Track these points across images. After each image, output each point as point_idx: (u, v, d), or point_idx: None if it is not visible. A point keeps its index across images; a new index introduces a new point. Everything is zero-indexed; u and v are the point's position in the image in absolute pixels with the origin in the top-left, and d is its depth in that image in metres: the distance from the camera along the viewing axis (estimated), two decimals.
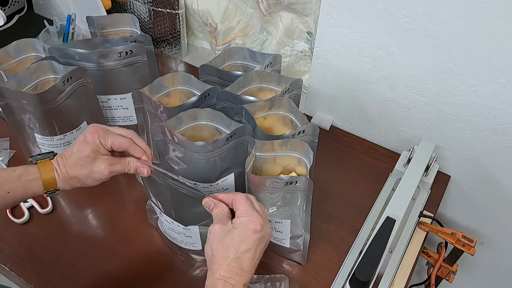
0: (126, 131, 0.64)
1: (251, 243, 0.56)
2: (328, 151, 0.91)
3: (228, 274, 0.54)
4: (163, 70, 1.10)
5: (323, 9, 0.79)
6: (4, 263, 0.72)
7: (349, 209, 0.82)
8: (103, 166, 0.61)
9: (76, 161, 0.61)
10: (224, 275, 0.54)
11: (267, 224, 0.58)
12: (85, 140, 0.61)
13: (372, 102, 0.87)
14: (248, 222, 0.56)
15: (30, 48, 0.82)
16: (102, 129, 0.62)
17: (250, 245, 0.56)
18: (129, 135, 0.64)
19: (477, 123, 0.77)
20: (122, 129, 0.65)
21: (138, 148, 0.64)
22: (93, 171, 0.61)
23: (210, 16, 1.06)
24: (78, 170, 0.61)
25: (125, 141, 0.63)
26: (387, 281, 0.70)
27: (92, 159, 0.61)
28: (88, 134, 0.61)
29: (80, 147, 0.61)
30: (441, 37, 0.70)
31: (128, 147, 0.63)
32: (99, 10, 1.05)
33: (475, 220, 0.95)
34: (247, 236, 0.56)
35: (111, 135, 0.62)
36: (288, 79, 0.75)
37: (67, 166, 0.61)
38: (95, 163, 0.61)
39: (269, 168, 0.70)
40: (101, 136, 0.61)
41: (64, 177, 0.61)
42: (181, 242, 0.71)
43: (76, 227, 0.78)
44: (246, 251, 0.55)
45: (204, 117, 0.71)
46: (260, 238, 0.57)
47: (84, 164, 0.61)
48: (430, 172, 0.83)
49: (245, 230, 0.56)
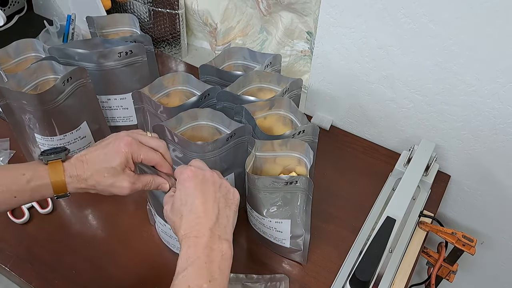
0: (158, 143, 0.61)
1: (191, 190, 0.55)
2: (328, 151, 0.91)
3: (187, 230, 0.52)
4: (163, 70, 1.10)
5: (323, 9, 0.79)
6: (4, 263, 0.72)
7: (349, 209, 0.82)
8: (126, 184, 0.58)
9: (101, 170, 0.56)
10: (184, 233, 0.52)
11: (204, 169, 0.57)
12: (118, 150, 0.57)
13: (372, 102, 0.87)
14: (179, 177, 0.56)
15: (30, 48, 0.82)
16: (136, 141, 0.58)
17: (191, 192, 0.55)
18: (160, 148, 0.60)
19: (477, 122, 0.77)
20: (153, 139, 0.61)
21: (167, 164, 0.61)
22: (114, 186, 0.57)
23: (210, 16, 1.06)
24: (98, 180, 0.57)
25: (156, 157, 0.59)
26: (387, 281, 0.70)
27: (117, 173, 0.57)
28: (122, 145, 0.57)
29: (109, 157, 0.57)
30: (441, 37, 0.70)
31: (157, 162, 0.60)
32: (99, 10, 1.05)
33: (475, 220, 0.95)
34: (184, 187, 0.55)
35: (144, 149, 0.59)
36: (288, 79, 0.75)
37: (88, 173, 0.56)
38: (119, 178, 0.57)
39: (269, 168, 0.70)
40: (134, 151, 0.57)
41: (80, 182, 0.57)
42: (173, 246, 0.71)
43: (76, 227, 0.78)
44: (193, 200, 0.54)
45: (204, 117, 0.71)
46: (200, 181, 0.55)
47: (108, 176, 0.57)
48: (430, 172, 0.83)
49: (180, 184, 0.56)
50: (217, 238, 0.53)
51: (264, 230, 0.71)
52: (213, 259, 0.51)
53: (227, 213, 0.56)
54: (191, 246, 0.51)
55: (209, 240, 0.52)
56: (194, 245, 0.51)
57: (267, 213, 0.66)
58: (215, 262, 0.51)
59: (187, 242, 0.52)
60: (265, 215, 0.67)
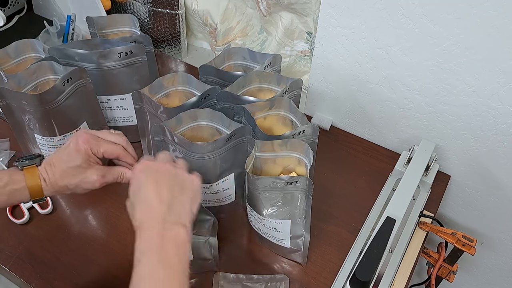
0: (117, 137, 0.63)
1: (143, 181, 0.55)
2: (328, 151, 0.91)
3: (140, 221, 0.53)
4: (163, 70, 1.10)
5: (323, 9, 0.79)
6: (5, 264, 0.72)
7: (349, 209, 0.82)
8: (95, 177, 0.60)
9: (66, 171, 0.59)
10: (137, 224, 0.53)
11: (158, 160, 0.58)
12: (77, 149, 0.59)
13: (372, 102, 0.87)
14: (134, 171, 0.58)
15: (30, 48, 0.82)
16: (93, 137, 0.61)
17: (143, 182, 0.55)
18: (121, 142, 0.63)
19: (477, 123, 0.77)
20: (112, 134, 0.63)
21: (130, 156, 0.63)
22: (84, 181, 0.60)
23: (210, 16, 1.06)
24: (68, 180, 0.59)
25: (117, 149, 0.62)
26: (387, 281, 0.70)
27: (83, 169, 0.59)
28: (80, 143, 0.59)
29: (71, 156, 0.59)
30: (441, 37, 0.70)
31: (119, 154, 0.62)
32: (99, 10, 1.05)
33: (475, 220, 0.95)
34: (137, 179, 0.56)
35: (103, 143, 0.61)
36: (288, 79, 0.75)
37: (57, 175, 0.59)
38: (86, 173, 0.60)
39: (269, 168, 0.70)
40: (93, 146, 0.60)
41: (53, 186, 0.59)
42: None
43: (76, 227, 0.78)
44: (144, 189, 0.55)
45: (204, 117, 0.71)
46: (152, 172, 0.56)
47: (75, 174, 0.59)
48: (430, 172, 0.83)
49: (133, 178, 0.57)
50: (170, 225, 0.53)
51: (264, 230, 0.71)
52: (166, 246, 0.51)
53: (182, 199, 0.56)
54: (143, 237, 0.52)
55: (161, 228, 0.52)
56: (146, 235, 0.52)
57: (267, 213, 0.66)
58: (170, 249, 0.51)
59: (139, 233, 0.52)
60: (265, 215, 0.67)
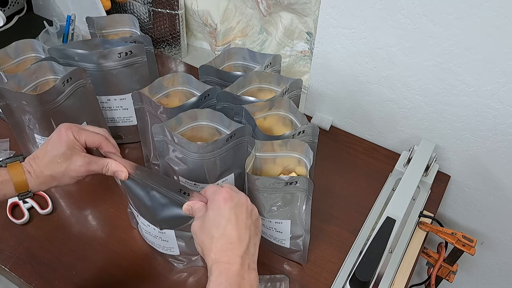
0: (98, 129, 0.65)
1: (226, 213, 0.54)
2: (328, 151, 0.91)
3: (218, 254, 0.52)
4: (163, 70, 1.10)
5: (323, 10, 0.79)
6: (5, 264, 0.72)
7: (349, 209, 0.82)
8: (80, 163, 0.60)
9: (52, 159, 0.60)
10: (215, 257, 0.52)
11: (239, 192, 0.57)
12: (60, 137, 0.60)
13: (372, 102, 0.87)
14: (215, 197, 0.56)
15: (29, 49, 0.82)
16: (75, 125, 0.62)
17: (226, 215, 0.54)
18: (102, 132, 0.64)
19: (477, 123, 0.77)
20: (95, 127, 0.65)
21: (111, 145, 0.64)
22: (70, 168, 0.60)
23: (210, 16, 1.06)
24: (54, 168, 0.60)
25: (99, 137, 0.63)
26: (387, 281, 0.70)
27: (68, 156, 0.60)
28: (62, 131, 0.61)
29: (55, 145, 0.60)
30: (441, 37, 0.70)
31: (101, 143, 0.63)
32: (99, 10, 1.05)
33: (475, 220, 0.95)
34: (219, 208, 0.54)
35: (85, 131, 0.62)
36: (288, 79, 0.75)
37: (42, 166, 0.60)
38: (72, 160, 0.60)
39: (269, 168, 0.70)
40: (75, 132, 0.61)
41: (38, 177, 0.60)
42: (158, 246, 0.71)
43: (76, 228, 0.78)
44: (226, 223, 0.53)
45: (204, 117, 0.71)
46: (235, 205, 0.55)
47: (61, 161, 0.60)
48: (430, 172, 0.83)
49: (215, 204, 0.55)
50: (247, 267, 0.52)
51: (264, 231, 0.71)
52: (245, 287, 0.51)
53: (255, 241, 0.56)
54: (222, 273, 0.51)
55: (240, 269, 0.51)
56: (225, 272, 0.51)
57: (267, 213, 0.66)
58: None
59: (218, 267, 0.51)
60: (265, 215, 0.67)
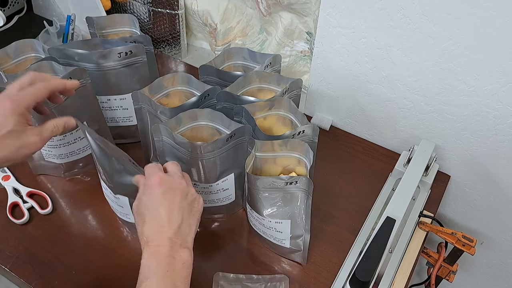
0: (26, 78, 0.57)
1: (158, 198, 0.55)
2: (328, 151, 0.91)
3: (149, 237, 0.53)
4: (163, 70, 1.10)
5: (323, 9, 0.79)
6: (5, 264, 0.72)
7: (349, 209, 0.82)
8: (35, 138, 0.56)
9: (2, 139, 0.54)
10: (146, 240, 0.53)
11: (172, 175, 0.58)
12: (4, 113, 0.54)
13: (372, 102, 0.87)
14: (148, 181, 0.56)
15: (29, 48, 0.82)
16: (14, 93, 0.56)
17: (158, 200, 0.55)
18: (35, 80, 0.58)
19: (477, 123, 0.77)
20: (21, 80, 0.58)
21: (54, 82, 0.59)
22: (24, 145, 0.55)
23: (210, 16, 1.06)
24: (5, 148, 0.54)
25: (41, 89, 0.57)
26: (387, 281, 0.70)
27: (19, 132, 0.55)
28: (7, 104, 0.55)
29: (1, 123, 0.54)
30: (441, 37, 0.70)
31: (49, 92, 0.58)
32: (99, 10, 1.05)
33: (475, 220, 0.95)
34: (151, 193, 0.55)
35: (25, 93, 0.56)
36: (288, 79, 0.75)
37: None
38: (23, 137, 0.55)
39: (269, 168, 0.70)
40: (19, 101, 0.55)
41: None
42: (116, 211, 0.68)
43: (76, 228, 0.78)
44: (158, 207, 0.55)
45: (204, 117, 0.71)
46: (167, 189, 0.56)
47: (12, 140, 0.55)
48: (430, 172, 0.83)
49: (148, 189, 0.56)
50: (178, 246, 0.54)
51: (264, 231, 0.71)
52: (175, 267, 0.52)
53: (190, 221, 0.57)
54: (152, 255, 0.53)
55: (170, 249, 0.53)
56: (155, 254, 0.53)
57: (267, 213, 0.66)
58: (177, 270, 0.52)
59: (148, 250, 0.53)
60: (265, 215, 0.67)
